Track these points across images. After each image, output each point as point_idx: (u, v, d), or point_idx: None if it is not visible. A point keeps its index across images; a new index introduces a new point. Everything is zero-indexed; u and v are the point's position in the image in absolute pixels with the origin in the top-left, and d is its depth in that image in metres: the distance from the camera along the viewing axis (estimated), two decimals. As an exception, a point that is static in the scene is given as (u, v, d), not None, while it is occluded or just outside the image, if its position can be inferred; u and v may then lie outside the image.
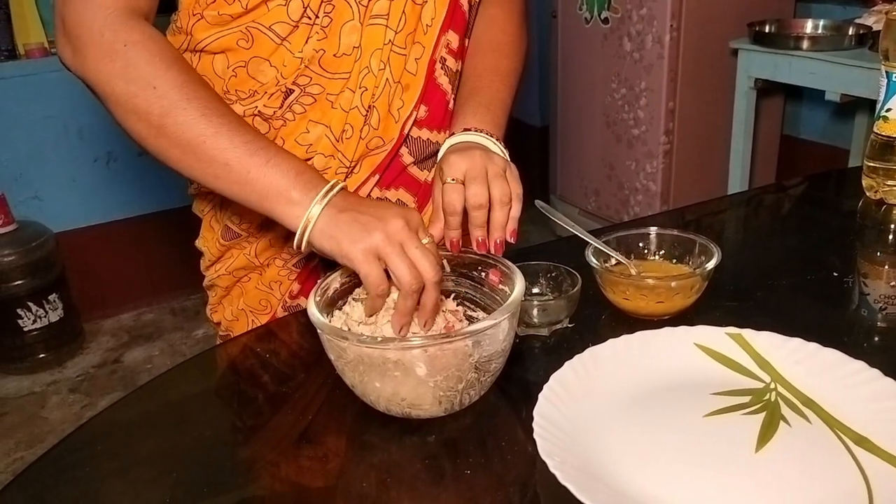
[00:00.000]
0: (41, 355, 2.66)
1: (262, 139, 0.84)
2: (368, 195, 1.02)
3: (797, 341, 0.81)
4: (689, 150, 2.75)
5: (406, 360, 0.71)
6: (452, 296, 0.89)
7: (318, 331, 0.75)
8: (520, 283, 0.79)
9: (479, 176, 0.89)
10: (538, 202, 1.02)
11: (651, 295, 0.90)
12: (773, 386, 0.78)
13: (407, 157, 1.04)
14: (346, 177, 1.00)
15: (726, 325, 0.87)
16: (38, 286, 2.60)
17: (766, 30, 2.50)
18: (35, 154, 2.69)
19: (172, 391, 0.90)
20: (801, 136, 3.08)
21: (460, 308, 0.88)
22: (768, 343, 0.82)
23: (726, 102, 2.70)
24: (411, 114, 1.00)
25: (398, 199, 1.06)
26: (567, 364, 0.81)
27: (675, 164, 2.74)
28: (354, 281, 0.84)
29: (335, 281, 0.84)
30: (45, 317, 2.63)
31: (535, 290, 0.99)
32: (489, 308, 0.87)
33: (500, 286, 0.85)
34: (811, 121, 3.03)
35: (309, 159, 0.98)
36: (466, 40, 1.05)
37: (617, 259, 0.98)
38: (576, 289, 0.92)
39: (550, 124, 3.27)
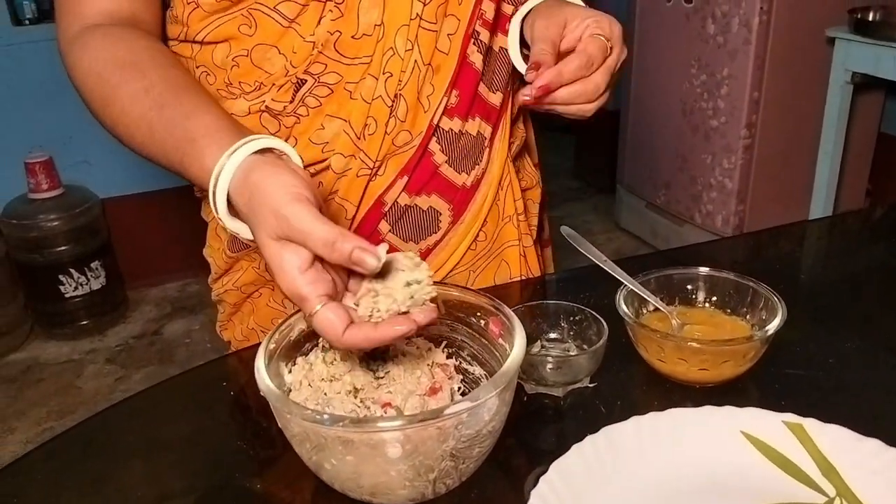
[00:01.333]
0: (83, 322, 2.65)
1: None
2: (395, 202, 0.89)
3: (875, 443, 0.63)
4: (772, 146, 2.50)
5: (362, 441, 0.57)
6: (444, 344, 0.74)
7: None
8: (519, 343, 0.63)
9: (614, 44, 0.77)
10: (564, 229, 0.86)
11: (694, 360, 0.73)
12: (838, 502, 0.60)
13: (439, 156, 0.90)
14: (370, 180, 0.87)
15: (784, 405, 0.70)
16: (81, 253, 2.57)
17: (870, 17, 2.22)
18: (86, 117, 2.63)
19: (199, 383, 0.85)
20: (902, 134, 2.77)
21: (451, 361, 0.73)
22: (837, 441, 0.64)
23: (818, 96, 2.44)
24: (442, 101, 0.86)
25: (430, 207, 0.91)
26: (574, 448, 0.65)
27: (756, 160, 2.50)
28: None
29: (301, 321, 0.70)
30: (86, 284, 2.60)
31: (553, 336, 0.83)
32: (486, 363, 0.72)
33: (500, 341, 0.69)
34: (915, 119, 2.72)
35: (325, 160, 0.85)
36: (504, 4, 0.89)
37: (655, 305, 0.81)
38: (600, 343, 0.75)
39: (622, 109, 3.04)
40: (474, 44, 0.87)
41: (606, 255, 0.86)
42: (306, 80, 0.82)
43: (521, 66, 0.86)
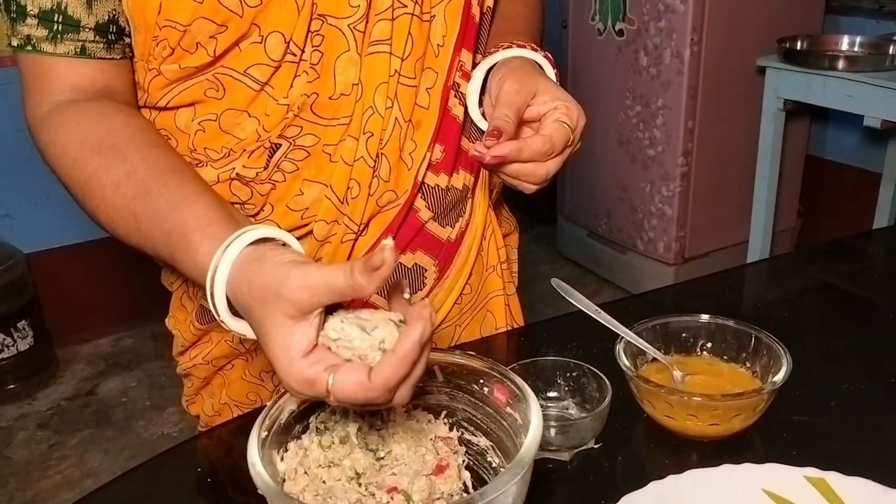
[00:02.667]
0: (10, 386, 2.48)
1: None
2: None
3: (901, 495, 0.61)
4: (708, 172, 2.56)
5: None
6: (444, 414, 0.69)
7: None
8: (536, 417, 0.59)
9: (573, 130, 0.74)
10: (555, 281, 0.83)
11: (704, 415, 0.70)
12: (871, 561, 0.58)
13: (425, 213, 0.86)
14: (355, 241, 0.82)
15: (797, 456, 0.69)
16: (7, 312, 2.42)
17: (798, 46, 2.30)
18: (6, 169, 2.51)
19: (170, 470, 0.77)
20: (826, 156, 2.88)
21: (455, 434, 0.68)
22: (862, 495, 0.63)
23: (750, 123, 2.51)
24: (425, 157, 0.82)
25: (415, 264, 0.87)
26: (595, 522, 0.61)
27: (694, 187, 2.55)
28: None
29: (290, 402, 0.64)
30: (13, 345, 2.44)
31: (551, 394, 0.79)
32: (492, 433, 0.67)
33: (508, 410, 0.65)
34: (838, 141, 2.83)
35: (305, 226, 0.80)
36: (478, 57, 0.85)
37: (653, 355, 0.78)
38: (604, 404, 0.72)
39: (559, 140, 3.05)
40: (455, 96, 0.84)
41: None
42: (281, 145, 0.77)
43: (478, 118, 0.84)
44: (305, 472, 0.62)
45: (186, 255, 0.61)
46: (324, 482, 0.62)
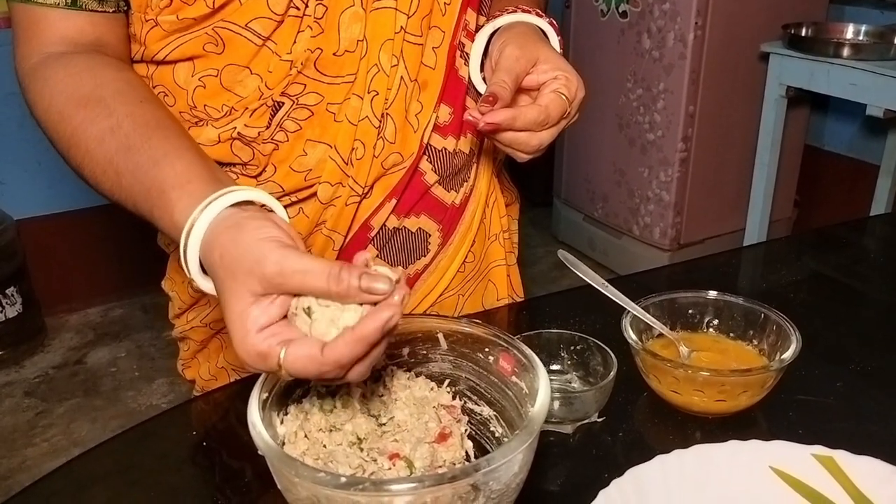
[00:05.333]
0: (-3, 353, 2.45)
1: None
2: (384, 226, 0.83)
3: (910, 474, 0.60)
4: (707, 158, 2.54)
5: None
6: (448, 383, 0.68)
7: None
8: (544, 386, 0.58)
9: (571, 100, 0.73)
10: (562, 253, 0.81)
11: (711, 391, 0.69)
12: (879, 540, 0.57)
13: (430, 175, 0.84)
14: (359, 204, 0.80)
15: (803, 434, 0.68)
16: (-5, 278, 2.38)
17: (803, 33, 2.28)
18: (-5, 133, 2.46)
19: (139, 453, 0.73)
20: (825, 147, 2.87)
21: (458, 402, 0.67)
22: (871, 473, 0.62)
23: (752, 110, 2.49)
24: (431, 118, 0.81)
25: (419, 229, 0.86)
26: (602, 496, 0.60)
27: (692, 173, 2.54)
28: None
29: None
30: (1, 312, 2.41)
31: (555, 367, 0.78)
32: (496, 402, 0.66)
33: (514, 378, 0.63)
34: (837, 132, 2.82)
35: (309, 188, 0.78)
36: (482, 19, 0.84)
37: (659, 330, 0.77)
38: (610, 377, 0.71)
39: (558, 122, 3.03)
40: (461, 56, 0.82)
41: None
42: (283, 103, 0.75)
43: (478, 82, 0.82)
44: (306, 436, 0.61)
45: (164, 211, 0.59)
46: (324, 446, 0.60)
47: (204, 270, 0.57)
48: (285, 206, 0.80)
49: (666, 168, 2.54)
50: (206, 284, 0.57)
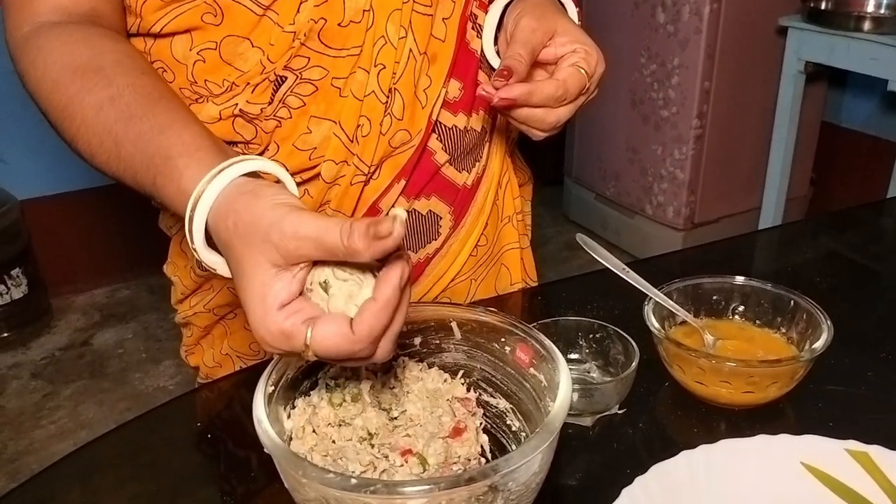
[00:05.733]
0: (4, 335, 2.44)
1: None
2: (392, 207, 0.79)
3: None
4: (723, 136, 2.49)
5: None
6: (461, 374, 0.65)
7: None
8: (565, 384, 0.54)
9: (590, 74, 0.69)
10: (580, 236, 0.77)
11: (738, 382, 0.66)
12: (920, 541, 0.54)
13: (440, 155, 0.81)
14: (365, 184, 0.77)
15: (834, 427, 0.65)
16: (0, 260, 2.35)
17: (822, 6, 2.22)
18: (0, 112, 2.43)
19: (143, 444, 0.71)
20: (842, 124, 2.80)
21: (472, 394, 0.64)
22: (910, 471, 0.58)
23: (768, 85, 2.43)
24: (440, 94, 0.77)
25: (430, 211, 0.83)
26: (625, 494, 0.57)
27: (707, 150, 2.49)
28: None
29: None
30: (6, 293, 2.39)
31: (573, 356, 0.74)
32: (512, 395, 0.63)
33: (532, 370, 0.60)
34: (856, 108, 2.75)
35: (313, 168, 0.74)
36: None
37: (682, 318, 0.74)
38: (631, 368, 0.68)
39: (569, 99, 2.98)
40: (472, 28, 0.78)
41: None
42: (286, 78, 0.71)
43: (492, 55, 0.79)
44: (314, 431, 0.58)
45: (170, 179, 0.55)
46: (333, 442, 0.58)
47: (210, 245, 0.54)
48: None
49: (680, 145, 2.49)
50: (208, 257, 0.54)
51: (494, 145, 0.86)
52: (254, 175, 0.53)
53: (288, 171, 0.73)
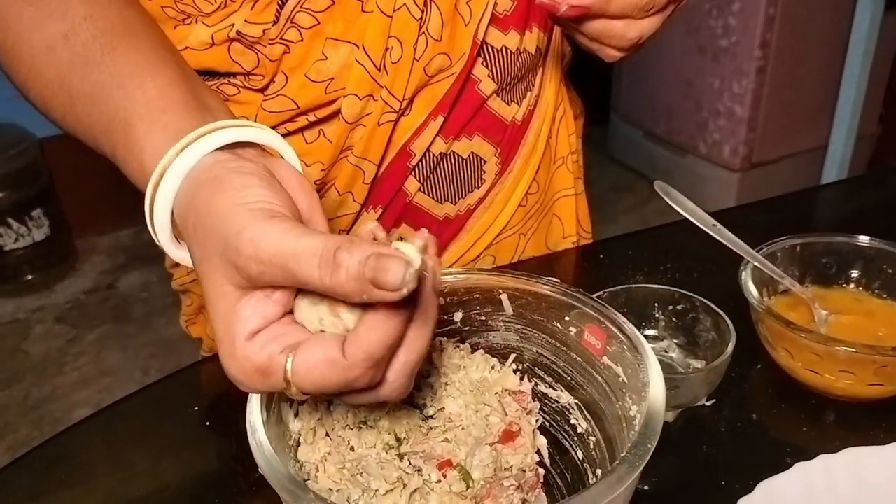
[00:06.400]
0: (27, 277, 2.38)
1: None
2: (427, 151, 0.66)
3: None
4: (787, 68, 2.29)
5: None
6: (513, 359, 0.51)
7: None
8: (657, 384, 0.41)
9: None
10: (659, 184, 0.63)
11: (864, 372, 0.52)
12: None
13: (486, 84, 0.66)
14: (395, 123, 0.63)
15: None
16: (20, 200, 2.28)
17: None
18: (14, 44, 2.31)
19: (150, 415, 0.63)
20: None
21: (527, 385, 0.50)
22: None
23: (840, 13, 2.21)
24: (487, 7, 0.62)
25: (472, 154, 0.69)
26: (727, 520, 0.44)
27: (770, 84, 2.29)
28: None
29: None
30: (28, 235, 2.32)
31: (649, 333, 0.61)
32: (578, 389, 0.50)
33: (605, 360, 0.47)
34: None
35: (332, 102, 0.61)
36: None
37: (787, 287, 0.60)
38: (727, 352, 0.54)
39: (616, 29, 2.77)
40: None
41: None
42: None
43: None
44: (327, 435, 0.46)
45: (130, 153, 0.42)
46: (352, 449, 0.45)
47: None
48: (302, 128, 0.63)
49: (740, 78, 2.30)
50: (178, 253, 0.41)
51: (549, 71, 0.72)
52: (244, 145, 0.40)
53: (298, 107, 0.60)
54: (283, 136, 0.63)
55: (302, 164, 0.63)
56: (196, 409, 0.60)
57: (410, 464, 0.45)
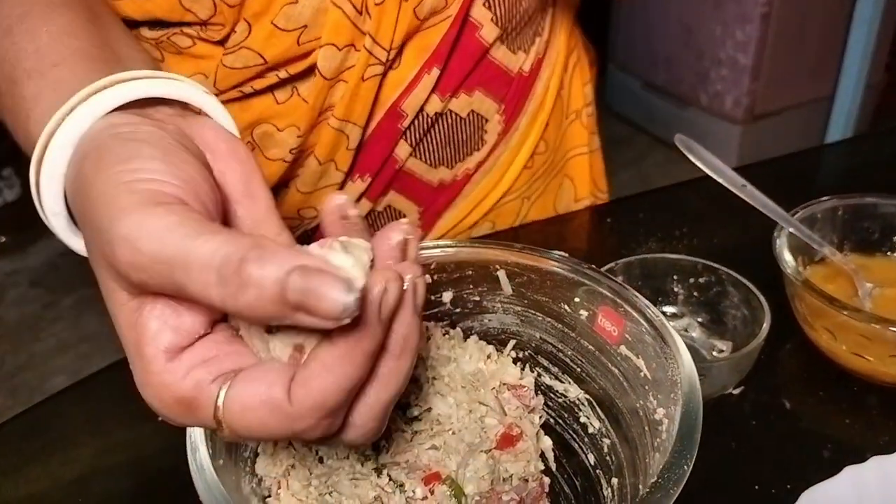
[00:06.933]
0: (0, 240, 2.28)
1: None
2: (421, 111, 0.57)
3: None
4: (792, 14, 2.19)
5: None
6: (512, 346, 0.44)
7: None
8: (694, 393, 0.33)
9: None
10: (680, 137, 0.55)
11: (922, 359, 0.44)
12: None
13: (489, 29, 0.57)
14: (383, 77, 0.55)
15: None
16: (-13, 159, 2.18)
17: None
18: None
19: (129, 384, 0.54)
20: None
21: (529, 377, 0.43)
22: None
23: (851, -48, 2.10)
24: None
25: (472, 112, 0.60)
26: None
27: (774, 32, 2.19)
28: None
29: None
30: (-1, 195, 2.23)
31: (666, 309, 0.53)
32: (589, 381, 0.42)
33: (623, 349, 0.39)
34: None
35: (307, 55, 0.52)
36: None
37: (824, 255, 0.52)
38: (761, 336, 0.46)
39: (613, -27, 2.66)
40: None
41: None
42: None
43: None
44: (290, 444, 0.38)
45: (17, 119, 0.34)
46: (320, 461, 0.38)
47: None
48: (272, 87, 0.54)
49: (743, 25, 2.20)
50: (75, 242, 0.32)
51: (559, 12, 0.63)
52: (158, 103, 0.31)
53: (266, 61, 0.51)
54: (250, 95, 0.54)
55: (270, 128, 0.55)
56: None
57: (391, 479, 0.37)
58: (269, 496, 0.37)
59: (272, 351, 0.26)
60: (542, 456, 0.42)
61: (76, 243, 0.32)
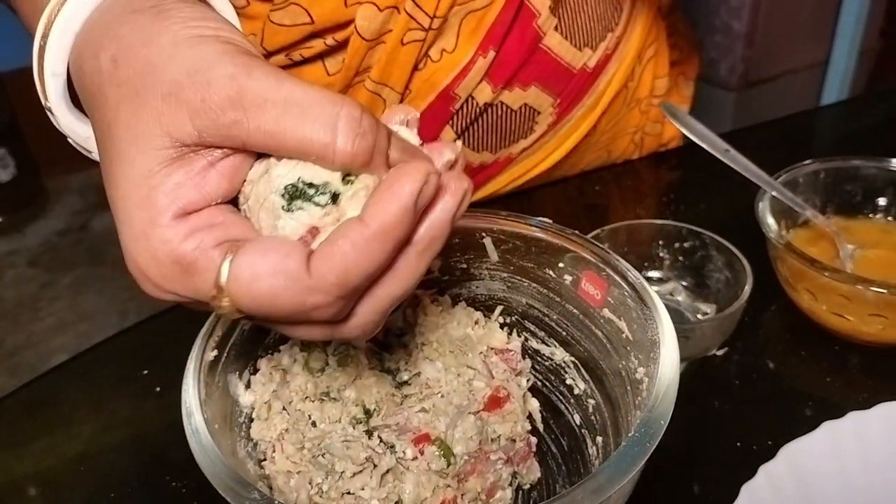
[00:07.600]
0: (-4, 220, 2.29)
1: None
2: (470, 98, 0.57)
3: None
4: (786, -22, 2.16)
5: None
6: (499, 311, 0.45)
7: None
8: (671, 347, 0.34)
9: None
10: (666, 104, 0.55)
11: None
12: None
13: (546, 19, 0.55)
14: (424, 45, 0.53)
15: None
16: (-19, 139, 2.17)
17: None
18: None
19: (129, 360, 0.58)
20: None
21: (516, 342, 0.44)
22: None
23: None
24: None
25: (524, 105, 0.59)
26: (746, 493, 0.38)
27: (768, -4, 2.17)
28: None
29: None
30: (-7, 176, 2.22)
31: (652, 274, 0.54)
32: (574, 344, 0.44)
33: (605, 312, 0.40)
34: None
35: (351, 23, 0.51)
36: None
37: (806, 217, 0.53)
38: (742, 297, 0.47)
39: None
40: None
41: None
42: None
43: None
44: (284, 409, 0.39)
45: None
46: (314, 424, 0.39)
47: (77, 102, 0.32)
48: (322, 55, 0.53)
49: (736, -9, 2.18)
50: (73, 125, 0.33)
51: (638, 7, 0.60)
52: None
53: (312, 20, 0.50)
54: (299, 63, 0.53)
55: None
56: (176, 352, 0.54)
57: (381, 440, 0.38)
58: (265, 459, 0.39)
59: (281, 229, 0.26)
60: (530, 417, 0.44)
61: (69, 121, 0.33)
